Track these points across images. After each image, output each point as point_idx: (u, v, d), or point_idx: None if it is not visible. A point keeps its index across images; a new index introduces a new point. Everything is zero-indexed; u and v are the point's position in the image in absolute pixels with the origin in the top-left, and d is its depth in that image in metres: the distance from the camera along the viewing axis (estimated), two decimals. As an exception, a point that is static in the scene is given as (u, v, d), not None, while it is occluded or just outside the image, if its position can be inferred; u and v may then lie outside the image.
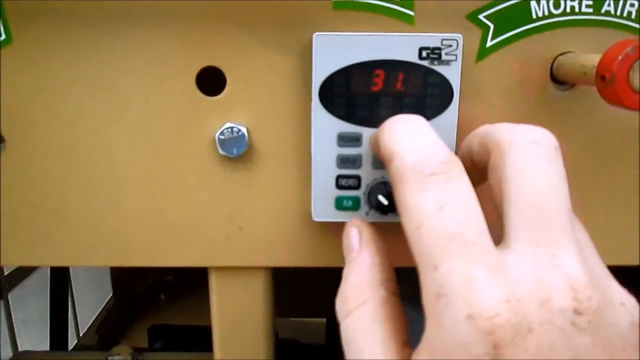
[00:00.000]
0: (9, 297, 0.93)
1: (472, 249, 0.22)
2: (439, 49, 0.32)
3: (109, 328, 1.01)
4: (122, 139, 0.35)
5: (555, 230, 0.23)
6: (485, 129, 0.28)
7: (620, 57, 0.27)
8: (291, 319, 1.07)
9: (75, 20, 0.33)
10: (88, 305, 1.10)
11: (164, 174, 0.36)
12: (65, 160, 0.36)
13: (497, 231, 0.27)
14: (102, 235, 0.37)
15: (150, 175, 0.36)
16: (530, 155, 0.25)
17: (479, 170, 0.29)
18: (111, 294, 1.09)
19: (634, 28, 0.34)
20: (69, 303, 1.02)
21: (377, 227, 0.33)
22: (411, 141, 0.26)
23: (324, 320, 1.05)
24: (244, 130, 0.35)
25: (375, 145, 0.30)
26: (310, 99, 0.33)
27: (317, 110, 0.33)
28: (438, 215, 0.23)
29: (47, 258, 0.38)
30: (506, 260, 0.22)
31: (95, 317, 1.03)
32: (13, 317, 0.89)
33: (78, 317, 1.06)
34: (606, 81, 0.28)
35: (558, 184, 0.24)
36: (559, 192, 0.24)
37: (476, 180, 0.30)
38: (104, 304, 1.07)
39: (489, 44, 0.34)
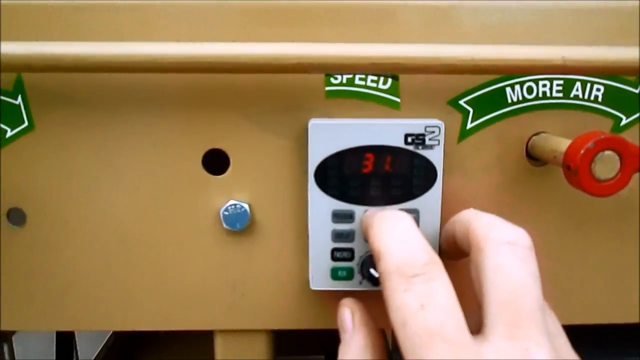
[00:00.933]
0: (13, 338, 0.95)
1: (451, 344, 0.24)
2: (423, 135, 0.35)
3: (111, 366, 1.02)
4: (133, 216, 0.38)
5: (528, 326, 0.25)
6: (467, 218, 0.31)
7: (582, 152, 0.30)
8: (290, 357, 1.08)
9: (91, 108, 0.37)
10: (89, 341, 1.11)
11: (172, 246, 0.39)
12: (80, 237, 0.39)
13: (478, 317, 0.30)
14: (112, 303, 0.40)
15: (159, 248, 0.39)
16: (506, 255, 0.27)
17: (461, 250, 0.32)
18: (112, 331, 1.10)
19: (601, 110, 0.38)
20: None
21: (369, 294, 0.36)
22: (396, 242, 0.28)
23: (323, 357, 1.06)
24: (246, 206, 0.38)
25: (365, 233, 0.33)
26: (307, 178, 0.36)
27: (313, 190, 0.36)
28: (420, 313, 0.25)
29: (59, 324, 0.41)
30: (483, 352, 0.25)
31: (96, 354, 1.04)
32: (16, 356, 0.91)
33: (79, 354, 1.07)
34: (571, 170, 0.31)
35: (531, 282, 0.27)
36: (531, 289, 0.26)
37: (460, 256, 0.33)
38: (104, 341, 1.08)
39: (469, 126, 0.38)
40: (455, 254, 0.34)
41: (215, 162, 0.39)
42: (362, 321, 0.32)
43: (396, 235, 0.29)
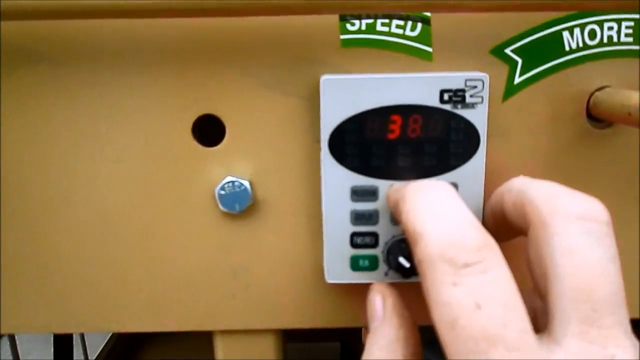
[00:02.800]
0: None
1: (516, 351, 0.19)
2: (463, 90, 0.28)
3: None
4: (116, 194, 0.32)
5: (609, 324, 0.20)
6: (519, 186, 0.25)
7: (677, 103, 0.23)
8: (305, 343, 1.04)
9: (63, 64, 0.30)
10: (91, 340, 1.06)
11: (162, 231, 0.33)
12: (58, 217, 0.32)
13: (536, 309, 0.24)
14: (99, 299, 0.34)
15: (147, 233, 0.33)
16: (579, 233, 0.21)
17: (513, 228, 0.26)
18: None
19: (680, 57, 0.30)
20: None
21: (398, 287, 0.30)
22: (439, 220, 0.22)
23: (338, 344, 1.02)
24: (246, 184, 0.31)
25: (395, 209, 0.26)
26: (320, 146, 0.30)
27: (327, 161, 0.29)
28: (475, 314, 0.19)
29: (44, 324, 0.35)
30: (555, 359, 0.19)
31: (98, 352, 1.00)
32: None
33: (88, 353, 1.03)
34: (660, 129, 0.24)
35: (610, 268, 0.20)
36: (611, 277, 0.20)
37: (509, 237, 0.27)
38: (106, 339, 1.04)
39: (517, 80, 0.31)
40: (504, 234, 0.27)
41: (209, 130, 0.32)
42: (394, 310, 0.26)
43: (439, 210, 0.23)
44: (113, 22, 0.30)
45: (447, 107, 0.29)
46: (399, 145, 0.29)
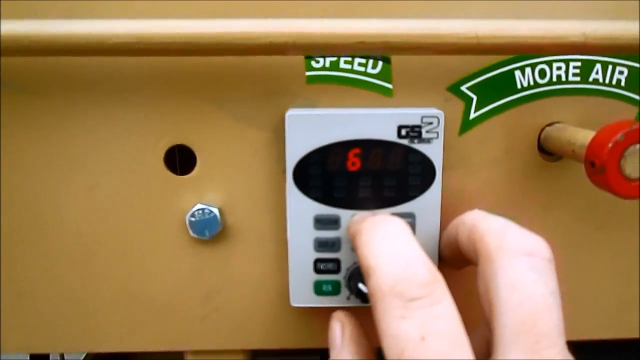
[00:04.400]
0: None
1: None
2: (419, 126, 0.30)
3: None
4: (89, 219, 0.33)
5: (551, 355, 0.21)
6: (472, 220, 0.27)
7: (610, 145, 0.25)
8: (284, 357, 1.05)
9: (39, 96, 0.32)
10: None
11: (135, 256, 0.34)
12: (31, 241, 0.34)
13: (483, 336, 0.25)
14: (71, 320, 0.35)
15: (121, 257, 0.34)
16: (523, 269, 0.23)
17: (466, 258, 0.27)
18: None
19: (624, 96, 0.33)
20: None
21: (358, 311, 0.31)
22: (390, 255, 0.23)
23: (318, 358, 1.02)
24: (215, 211, 0.33)
25: (353, 242, 0.28)
26: (285, 177, 0.31)
27: (292, 192, 0.31)
28: (420, 346, 0.21)
29: (21, 346, 0.36)
30: None
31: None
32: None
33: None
34: (596, 168, 0.26)
35: (552, 302, 0.22)
36: (553, 310, 0.22)
37: (463, 265, 0.28)
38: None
39: (472, 115, 0.32)
40: (458, 262, 0.29)
41: (180, 159, 0.33)
42: (352, 337, 0.27)
43: (390, 246, 0.24)
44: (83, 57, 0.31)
45: (405, 141, 0.30)
46: (360, 177, 0.31)
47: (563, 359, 0.21)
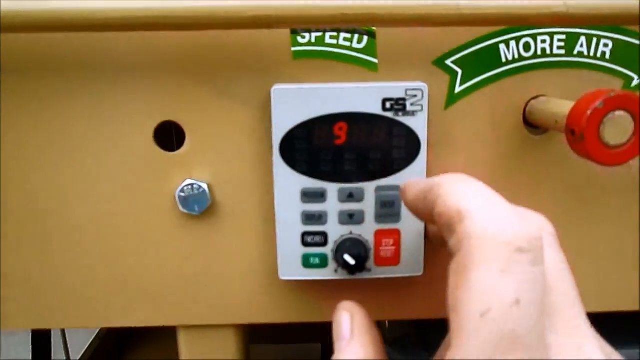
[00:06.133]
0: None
1: (531, 354, 0.18)
2: (404, 99, 0.30)
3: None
4: (78, 197, 0.34)
5: (578, 320, 0.21)
6: (447, 197, 0.22)
7: (589, 112, 0.26)
8: (285, 345, 1.05)
9: (23, 74, 0.32)
10: (78, 336, 1.07)
11: (124, 233, 0.34)
12: (24, 221, 0.34)
13: None
14: (67, 298, 0.36)
15: (112, 234, 0.34)
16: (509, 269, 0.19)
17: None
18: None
19: (609, 69, 0.33)
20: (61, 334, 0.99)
21: (345, 284, 0.32)
22: (489, 200, 0.20)
23: (319, 345, 1.03)
24: (204, 186, 0.33)
25: (424, 196, 0.24)
26: (273, 150, 0.32)
27: (279, 166, 0.31)
28: (512, 310, 0.18)
29: (23, 322, 0.36)
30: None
31: (84, 350, 1.01)
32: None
33: (70, 352, 1.04)
34: (576, 136, 0.26)
35: (565, 269, 0.22)
36: (567, 277, 0.22)
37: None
38: (89, 342, 1.05)
39: (457, 89, 0.33)
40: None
41: (169, 136, 0.34)
42: (362, 328, 0.25)
43: (485, 193, 0.21)
44: (75, 34, 0.31)
45: (389, 114, 0.31)
46: (346, 150, 0.31)
47: (587, 323, 0.21)
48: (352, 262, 0.31)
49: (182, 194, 0.33)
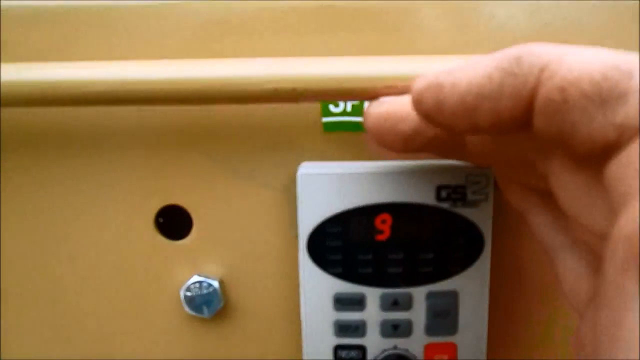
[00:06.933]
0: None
1: None
2: (463, 187, 0.24)
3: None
4: (71, 294, 0.28)
5: None
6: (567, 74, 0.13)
7: None
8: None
9: (9, 155, 0.27)
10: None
11: (122, 336, 0.29)
12: (13, 314, 0.29)
13: None
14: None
15: (106, 337, 0.29)
16: None
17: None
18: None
19: None
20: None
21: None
22: None
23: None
24: (215, 284, 0.27)
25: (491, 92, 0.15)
26: (298, 245, 0.26)
27: (306, 266, 0.25)
28: None
29: None
30: None
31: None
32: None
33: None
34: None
35: None
36: None
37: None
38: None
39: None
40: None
41: (174, 222, 0.28)
42: None
43: None
44: (70, 108, 0.26)
45: (445, 205, 0.24)
46: (390, 248, 0.25)
47: None
48: (398, 386, 0.24)
49: (189, 293, 0.27)
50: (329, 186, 0.25)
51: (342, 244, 0.25)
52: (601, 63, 0.13)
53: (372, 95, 0.22)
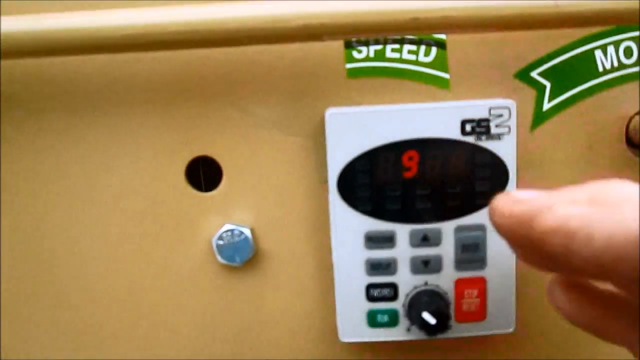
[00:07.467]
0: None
1: None
2: (487, 120, 0.25)
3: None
4: (105, 249, 0.29)
5: None
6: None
7: None
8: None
9: (39, 112, 0.27)
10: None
11: (155, 287, 0.29)
12: (44, 273, 0.29)
13: None
14: (92, 354, 0.30)
15: (141, 288, 0.29)
16: None
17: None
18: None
19: None
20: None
21: (421, 345, 0.26)
22: None
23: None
24: (247, 232, 0.28)
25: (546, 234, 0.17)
26: (327, 188, 0.26)
27: (337, 205, 0.26)
28: None
29: None
30: None
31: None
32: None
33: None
34: None
35: None
36: None
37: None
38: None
39: (546, 106, 0.27)
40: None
41: (204, 173, 0.29)
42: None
43: None
44: (95, 57, 0.27)
45: (470, 139, 0.25)
46: (418, 184, 0.26)
47: None
48: (432, 321, 0.25)
49: (221, 242, 0.28)
50: (356, 124, 0.25)
51: (371, 181, 0.26)
52: None
53: (394, 31, 0.23)
